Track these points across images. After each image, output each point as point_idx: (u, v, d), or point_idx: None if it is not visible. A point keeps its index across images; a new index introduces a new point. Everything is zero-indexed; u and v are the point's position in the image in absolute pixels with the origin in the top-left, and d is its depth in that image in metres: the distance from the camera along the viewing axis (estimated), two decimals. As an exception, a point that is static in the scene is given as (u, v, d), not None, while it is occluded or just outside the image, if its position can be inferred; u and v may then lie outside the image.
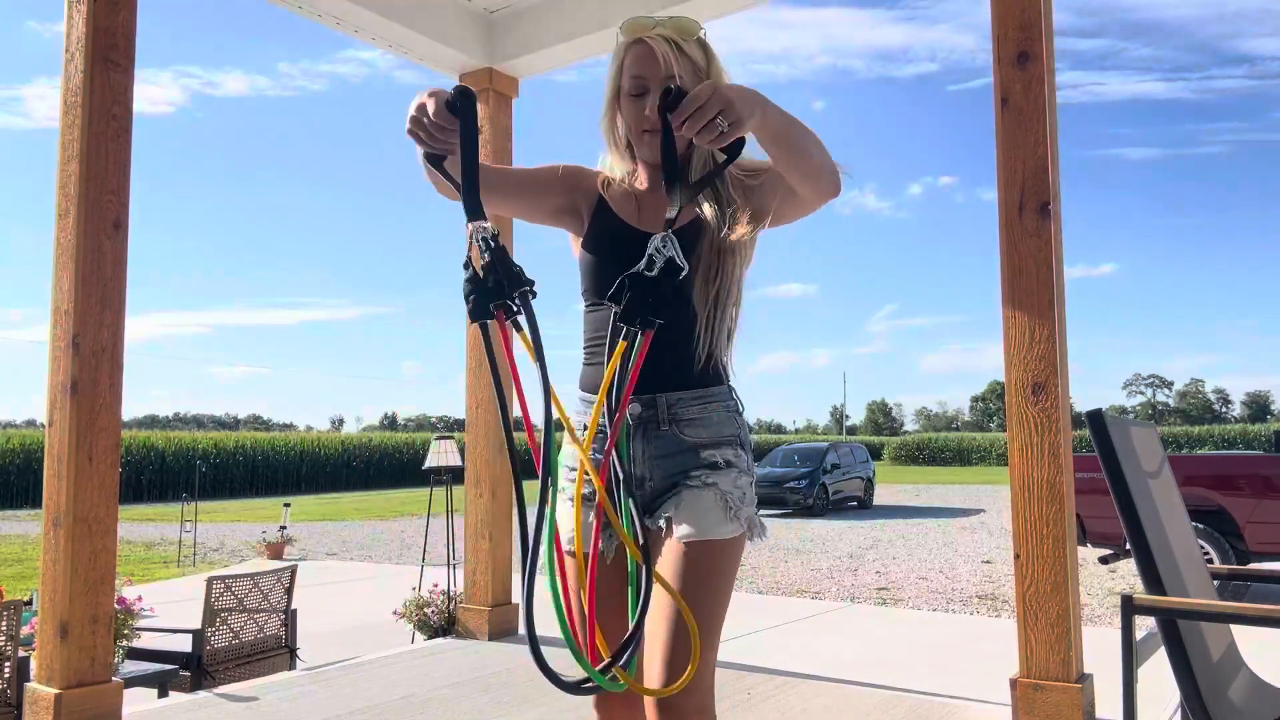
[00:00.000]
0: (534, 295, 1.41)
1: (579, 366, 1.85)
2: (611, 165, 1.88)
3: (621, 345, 1.49)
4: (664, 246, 1.48)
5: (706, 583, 1.63)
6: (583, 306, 1.84)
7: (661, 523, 1.70)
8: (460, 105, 1.43)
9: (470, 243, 1.42)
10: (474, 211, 1.43)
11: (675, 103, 1.46)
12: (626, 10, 4.55)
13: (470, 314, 1.40)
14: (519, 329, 1.40)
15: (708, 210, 1.76)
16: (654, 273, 1.47)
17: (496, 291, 1.39)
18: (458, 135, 1.45)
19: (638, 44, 1.75)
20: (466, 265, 1.41)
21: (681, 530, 1.66)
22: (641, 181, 1.86)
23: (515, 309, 1.40)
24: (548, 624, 1.41)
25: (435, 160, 1.54)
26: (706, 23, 5.19)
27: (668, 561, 1.65)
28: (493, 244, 1.39)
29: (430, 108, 1.45)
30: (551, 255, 2.06)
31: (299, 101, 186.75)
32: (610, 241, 1.79)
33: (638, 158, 1.86)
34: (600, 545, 1.66)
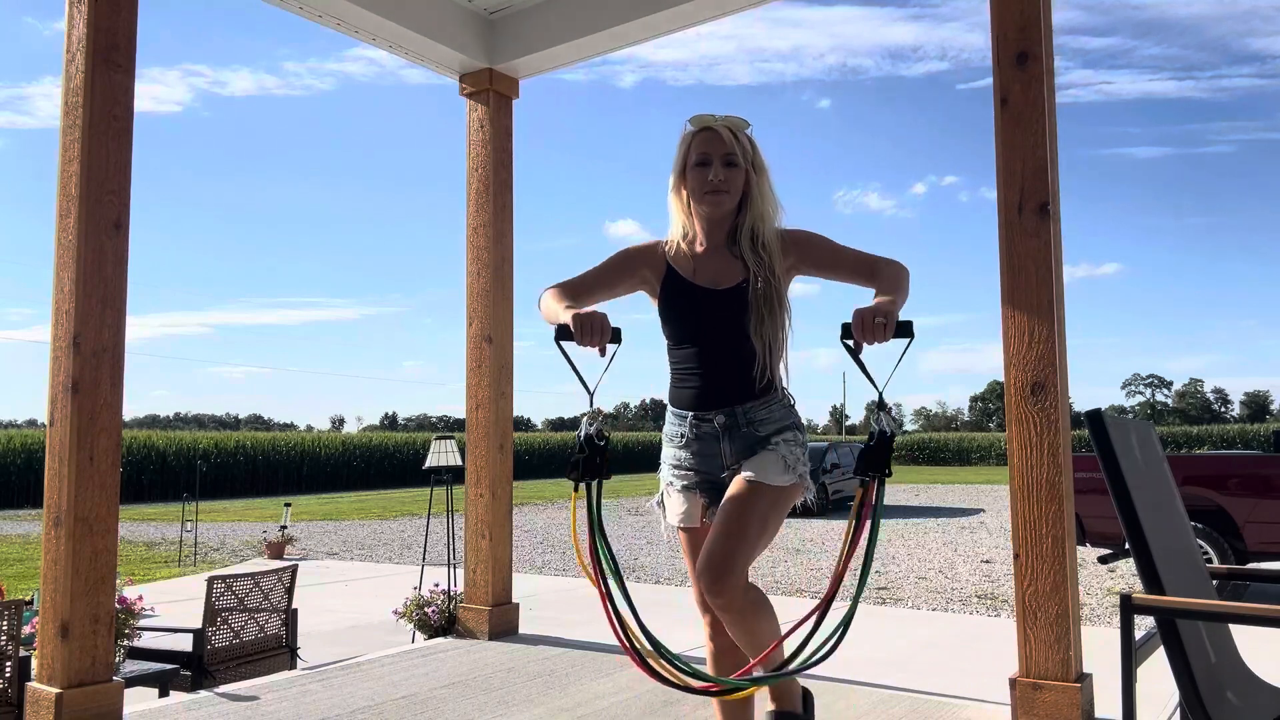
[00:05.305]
0: (608, 476, 2.18)
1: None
2: (681, 226, 2.45)
3: (859, 491, 2.09)
4: (882, 419, 2.05)
5: (752, 509, 2.25)
6: (666, 343, 2.48)
7: (737, 468, 2.33)
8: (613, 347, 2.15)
9: (585, 426, 2.15)
10: (591, 401, 2.16)
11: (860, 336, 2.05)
12: (625, 11, 4.55)
13: (577, 479, 2.17)
14: (588, 489, 2.17)
15: (753, 277, 2.34)
16: (874, 442, 2.07)
17: (591, 472, 2.16)
18: (598, 344, 2.10)
19: (705, 130, 2.37)
20: (578, 440, 2.17)
21: (746, 473, 2.30)
22: (700, 243, 2.44)
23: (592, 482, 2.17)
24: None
25: (564, 336, 2.13)
26: (712, 21, 5.18)
27: (731, 490, 2.30)
28: (597, 439, 2.16)
29: (598, 323, 2.09)
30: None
31: (306, 101, 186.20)
32: (678, 297, 2.42)
33: (696, 215, 2.43)
34: (705, 521, 2.39)
